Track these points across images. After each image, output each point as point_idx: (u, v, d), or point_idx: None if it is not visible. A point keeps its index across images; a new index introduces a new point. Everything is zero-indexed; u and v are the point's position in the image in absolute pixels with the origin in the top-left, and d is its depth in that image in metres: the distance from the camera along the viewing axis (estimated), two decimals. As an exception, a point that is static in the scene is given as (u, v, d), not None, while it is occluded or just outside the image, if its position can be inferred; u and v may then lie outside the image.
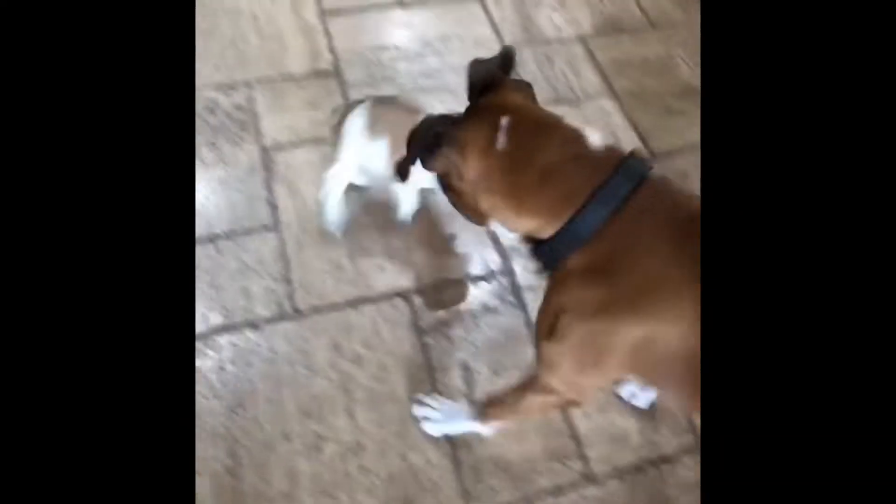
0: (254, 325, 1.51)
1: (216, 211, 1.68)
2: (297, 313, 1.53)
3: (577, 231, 0.91)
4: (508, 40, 2.14)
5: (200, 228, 1.64)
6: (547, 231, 0.95)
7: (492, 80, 1.01)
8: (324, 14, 2.12)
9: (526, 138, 0.94)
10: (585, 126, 0.95)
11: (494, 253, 1.68)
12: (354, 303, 1.56)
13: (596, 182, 0.90)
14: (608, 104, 2.02)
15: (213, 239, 1.63)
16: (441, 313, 1.57)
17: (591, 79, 2.08)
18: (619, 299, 0.91)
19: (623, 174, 0.90)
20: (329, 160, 1.57)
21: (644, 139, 1.95)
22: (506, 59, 1.03)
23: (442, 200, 1.11)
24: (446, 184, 1.04)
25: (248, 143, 1.82)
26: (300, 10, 2.13)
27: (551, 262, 0.97)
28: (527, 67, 2.08)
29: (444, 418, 1.39)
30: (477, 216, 1.04)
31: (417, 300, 1.58)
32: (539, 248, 0.98)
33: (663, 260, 0.88)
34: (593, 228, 0.90)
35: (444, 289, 1.61)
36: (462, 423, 1.36)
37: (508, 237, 1.68)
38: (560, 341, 0.99)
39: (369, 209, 1.71)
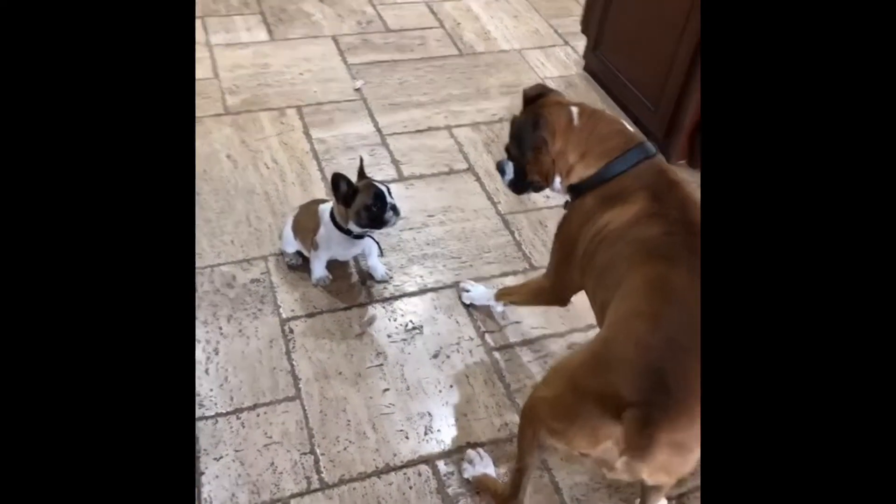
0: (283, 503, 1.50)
1: (238, 383, 1.72)
2: (326, 486, 1.54)
3: (602, 176, 1.45)
4: (504, 209, 2.31)
5: (225, 402, 1.67)
6: (588, 174, 1.47)
7: (540, 93, 1.63)
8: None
9: (588, 119, 1.51)
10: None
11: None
12: (380, 472, 1.58)
13: (623, 149, 1.45)
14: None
15: (238, 412, 1.66)
16: (468, 477, 1.58)
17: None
18: (598, 209, 1.44)
19: (638, 149, 1.45)
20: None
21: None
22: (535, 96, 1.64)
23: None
24: (529, 160, 1.56)
25: (266, 315, 1.89)
26: (309, 188, 2.30)
27: (578, 195, 1.50)
28: (523, 233, 2.24)
29: (474, 294, 1.98)
30: (544, 178, 1.57)
31: (443, 467, 1.60)
32: (574, 187, 1.51)
33: (636, 202, 1.38)
34: (611, 176, 1.44)
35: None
36: (484, 299, 1.97)
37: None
38: (556, 237, 1.61)
39: (385, 373, 1.77)
